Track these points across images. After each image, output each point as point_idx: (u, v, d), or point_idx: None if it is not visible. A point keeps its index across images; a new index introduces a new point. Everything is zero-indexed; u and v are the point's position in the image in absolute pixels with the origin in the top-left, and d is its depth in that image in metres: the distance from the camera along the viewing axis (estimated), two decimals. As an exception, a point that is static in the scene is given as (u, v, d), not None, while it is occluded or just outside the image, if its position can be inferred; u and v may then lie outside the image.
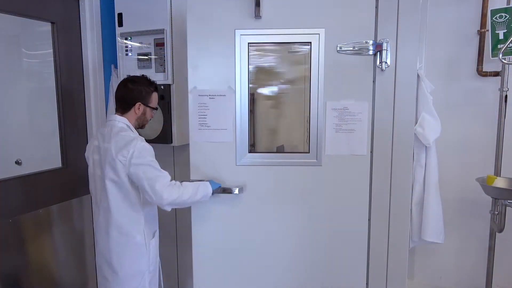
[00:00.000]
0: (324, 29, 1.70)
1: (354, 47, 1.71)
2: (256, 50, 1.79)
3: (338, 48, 1.72)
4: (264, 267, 1.85)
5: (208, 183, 1.71)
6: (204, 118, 1.77)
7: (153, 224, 1.77)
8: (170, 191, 1.57)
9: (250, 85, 1.77)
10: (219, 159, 1.79)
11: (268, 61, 1.88)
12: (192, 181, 1.74)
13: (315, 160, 1.78)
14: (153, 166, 1.60)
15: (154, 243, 1.75)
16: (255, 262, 1.85)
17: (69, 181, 2.16)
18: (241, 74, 1.74)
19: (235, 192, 1.76)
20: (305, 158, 1.79)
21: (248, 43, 1.73)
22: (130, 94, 1.66)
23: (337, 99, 1.75)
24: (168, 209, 1.62)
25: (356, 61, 1.72)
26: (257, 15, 1.68)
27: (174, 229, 2.46)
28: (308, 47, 1.73)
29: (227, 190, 1.77)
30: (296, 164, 1.79)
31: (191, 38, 1.73)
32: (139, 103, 1.67)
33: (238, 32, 1.72)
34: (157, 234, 1.80)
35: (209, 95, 1.75)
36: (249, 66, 1.75)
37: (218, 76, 1.74)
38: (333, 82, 1.74)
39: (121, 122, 1.65)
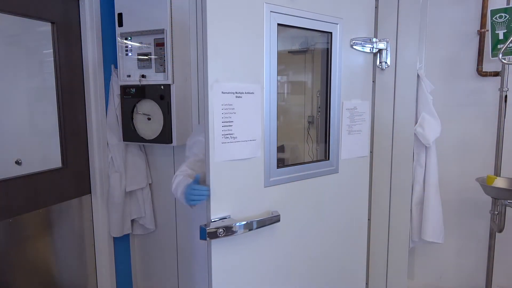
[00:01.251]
0: (342, 20, 1.56)
1: (363, 43, 1.66)
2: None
3: (351, 43, 1.62)
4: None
5: (187, 184, 1.32)
6: (230, 126, 1.26)
7: None
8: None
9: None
10: (245, 183, 1.34)
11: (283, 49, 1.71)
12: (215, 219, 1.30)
13: (334, 167, 1.63)
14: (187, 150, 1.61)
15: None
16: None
17: (69, 181, 2.16)
18: (270, 64, 1.36)
19: (271, 224, 1.35)
20: (325, 166, 1.59)
21: (278, 24, 1.38)
22: None
23: (349, 98, 1.64)
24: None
25: (362, 58, 1.69)
26: None
27: (174, 232, 2.46)
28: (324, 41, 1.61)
29: (263, 222, 1.33)
30: (318, 174, 1.57)
31: (212, 11, 1.21)
32: None
33: (267, 7, 1.34)
34: None
35: (236, 93, 1.27)
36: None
37: (245, 66, 1.31)
38: (346, 79, 1.63)
39: None
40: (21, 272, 1.93)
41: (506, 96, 2.16)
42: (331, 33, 1.54)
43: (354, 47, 1.63)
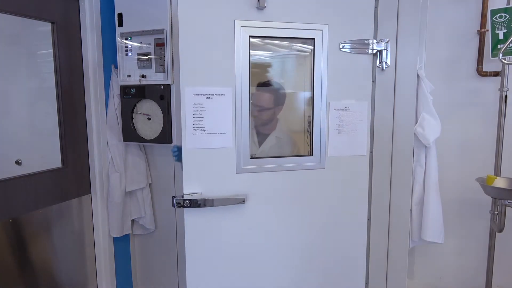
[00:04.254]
0: (327, 25, 1.64)
1: (356, 46, 1.69)
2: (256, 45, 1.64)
3: (340, 46, 1.67)
4: (263, 269, 1.79)
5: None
6: (200, 121, 1.55)
7: None
8: None
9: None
10: (217, 167, 1.59)
11: (268, 57, 1.79)
12: (187, 194, 1.55)
13: (319, 163, 1.72)
14: None
15: None
16: (254, 268, 1.74)
17: (69, 181, 2.16)
18: (241, 70, 1.57)
19: (236, 204, 1.60)
20: (308, 161, 1.72)
21: (249, 36, 1.57)
22: None
23: (338, 99, 1.71)
24: None
25: (357, 60, 1.70)
26: (261, 6, 1.53)
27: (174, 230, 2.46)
28: (310, 46, 1.67)
29: (227, 202, 1.59)
30: (299, 168, 1.70)
31: (184, 28, 1.49)
32: None
33: (238, 23, 1.54)
34: None
35: (206, 95, 1.55)
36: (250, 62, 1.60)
37: (216, 73, 1.55)
38: (335, 81, 1.69)
39: None
40: (21, 272, 1.93)
41: (506, 96, 2.16)
42: (313, 38, 1.64)
43: (343, 50, 1.67)
